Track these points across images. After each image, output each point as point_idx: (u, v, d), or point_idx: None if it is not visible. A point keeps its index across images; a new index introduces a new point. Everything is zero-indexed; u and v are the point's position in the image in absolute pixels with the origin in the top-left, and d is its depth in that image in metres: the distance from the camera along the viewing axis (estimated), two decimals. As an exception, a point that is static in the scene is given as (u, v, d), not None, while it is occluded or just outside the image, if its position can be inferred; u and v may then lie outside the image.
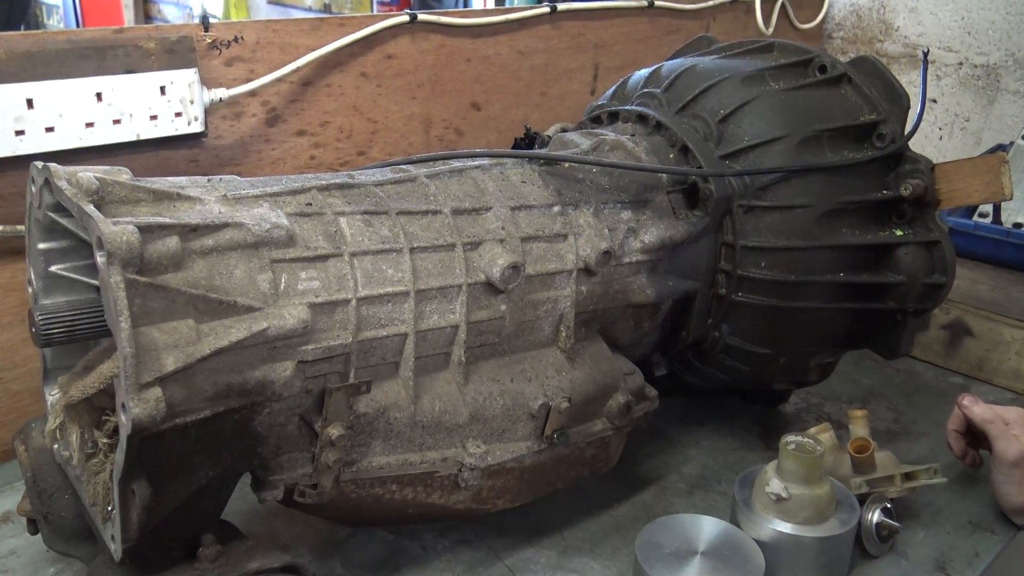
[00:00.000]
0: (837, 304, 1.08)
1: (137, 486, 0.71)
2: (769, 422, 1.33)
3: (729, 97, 1.10)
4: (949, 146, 2.06)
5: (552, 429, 0.95)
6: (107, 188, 0.73)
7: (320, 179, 0.88)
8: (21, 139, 1.05)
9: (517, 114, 1.62)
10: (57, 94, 1.06)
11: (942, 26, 2.03)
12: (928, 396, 1.43)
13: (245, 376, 0.75)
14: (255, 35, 1.25)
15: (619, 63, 1.75)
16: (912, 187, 1.06)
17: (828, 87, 1.11)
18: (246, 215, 0.77)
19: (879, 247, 1.08)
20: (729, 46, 1.24)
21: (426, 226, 0.88)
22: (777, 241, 1.05)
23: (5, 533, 1.04)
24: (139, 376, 0.66)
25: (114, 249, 0.66)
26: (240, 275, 0.75)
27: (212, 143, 1.26)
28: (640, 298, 1.03)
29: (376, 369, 0.85)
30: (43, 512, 0.88)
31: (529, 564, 1.01)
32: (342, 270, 0.81)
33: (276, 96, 1.30)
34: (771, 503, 0.95)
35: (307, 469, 0.83)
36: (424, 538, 1.04)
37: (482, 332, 0.91)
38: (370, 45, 1.38)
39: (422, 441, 0.88)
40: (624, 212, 1.02)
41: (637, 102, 1.17)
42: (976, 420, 1.09)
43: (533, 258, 0.94)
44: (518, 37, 1.58)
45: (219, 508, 0.82)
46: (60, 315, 0.78)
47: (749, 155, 1.06)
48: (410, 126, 1.48)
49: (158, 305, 0.69)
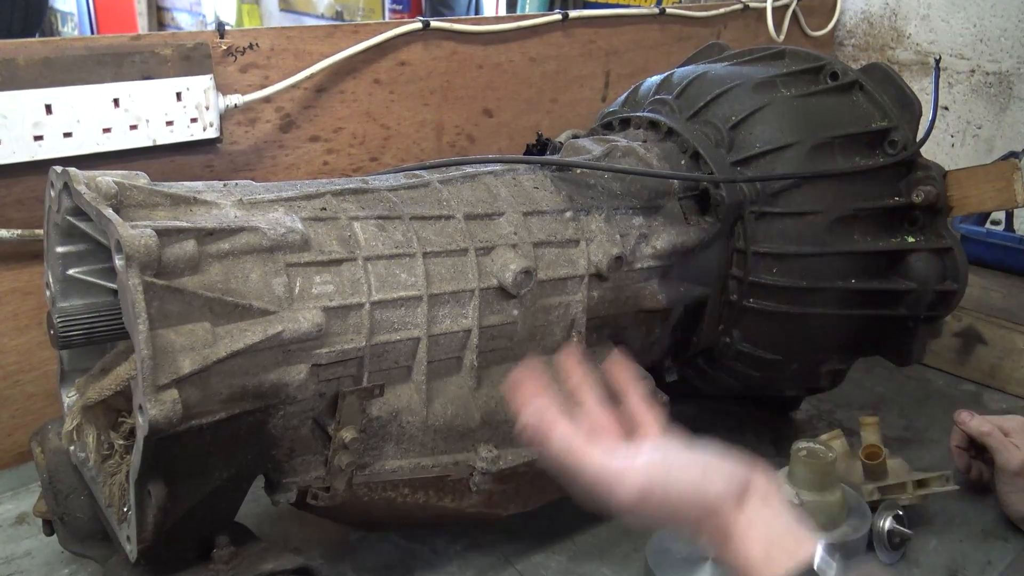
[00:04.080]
0: (848, 311, 1.08)
1: (153, 487, 0.72)
2: (780, 428, 1.33)
3: (740, 104, 1.10)
4: (961, 153, 2.05)
5: (563, 434, 0.95)
6: (125, 192, 0.74)
7: (334, 184, 0.89)
8: (40, 144, 1.06)
9: (529, 120, 1.63)
10: (75, 100, 1.08)
11: (954, 33, 2.03)
12: (940, 404, 1.42)
13: (260, 379, 0.75)
14: (270, 42, 1.27)
15: (630, 70, 1.76)
16: (924, 194, 1.06)
17: (840, 94, 1.11)
18: (262, 219, 0.78)
19: (891, 254, 1.08)
20: (740, 53, 1.24)
21: (439, 231, 0.89)
22: (788, 247, 1.05)
23: (21, 534, 1.05)
24: (156, 378, 0.67)
25: (132, 252, 0.67)
26: (256, 279, 0.76)
27: (227, 149, 1.27)
28: (651, 304, 1.03)
29: (389, 373, 0.86)
30: (59, 513, 0.88)
31: (540, 569, 1.02)
32: (356, 274, 0.82)
33: (290, 102, 1.32)
34: (782, 509, 0.95)
35: (320, 472, 0.83)
36: (435, 542, 1.05)
37: (494, 337, 0.92)
38: (383, 52, 1.39)
39: (434, 445, 0.89)
40: (636, 218, 1.03)
41: (649, 108, 1.18)
42: (974, 435, 1.09)
43: (545, 263, 0.94)
44: (530, 44, 1.59)
45: (233, 510, 0.83)
46: (78, 317, 0.79)
47: (760, 161, 1.07)
48: (422, 132, 1.49)
49: (175, 308, 0.70)
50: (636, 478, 0.65)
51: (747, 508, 0.65)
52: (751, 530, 0.64)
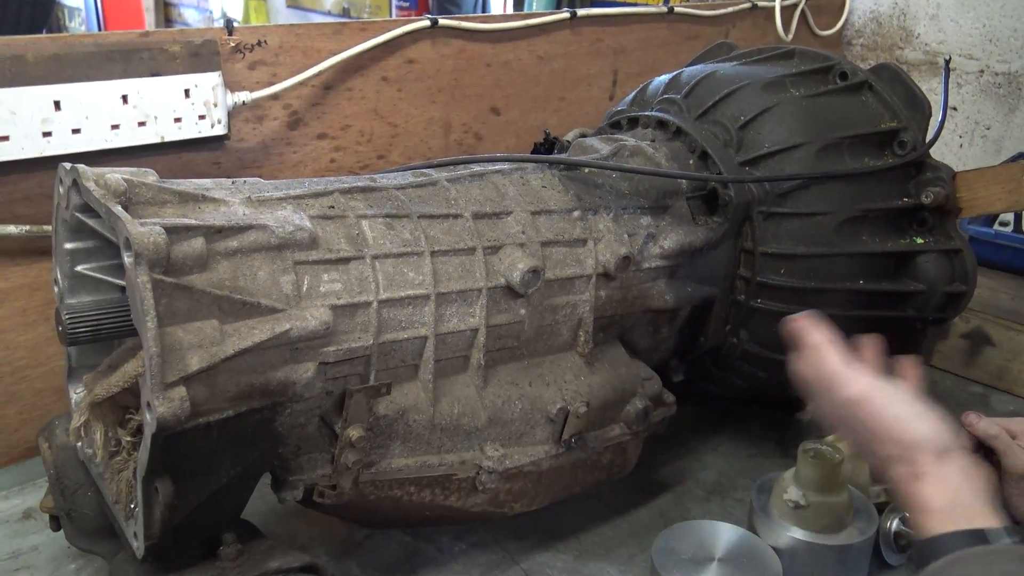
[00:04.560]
0: (856, 312, 1.07)
1: (160, 484, 0.72)
2: (786, 429, 1.33)
3: (749, 103, 1.10)
4: (969, 154, 2.05)
5: (570, 433, 0.95)
6: (134, 190, 0.74)
7: (342, 182, 0.89)
8: (48, 140, 1.07)
9: (536, 119, 1.63)
10: (84, 96, 1.08)
11: (963, 33, 2.02)
12: (947, 405, 1.39)
13: (267, 377, 0.75)
14: (278, 39, 1.26)
15: (638, 69, 1.75)
16: (933, 195, 1.05)
17: (849, 94, 1.11)
18: (270, 217, 0.78)
19: (899, 255, 1.08)
20: (749, 52, 1.24)
21: (447, 230, 0.89)
22: (796, 248, 1.04)
23: (28, 529, 1.06)
24: (164, 375, 0.67)
25: (141, 250, 0.67)
26: (264, 276, 0.76)
27: (235, 146, 1.27)
28: (659, 303, 1.03)
29: (396, 371, 0.86)
30: (66, 509, 0.89)
31: (545, 568, 1.01)
32: (364, 272, 0.82)
33: (298, 100, 1.32)
34: (789, 510, 0.95)
35: (327, 470, 0.83)
36: (441, 540, 1.05)
37: (501, 336, 0.92)
38: (391, 50, 1.39)
39: (440, 443, 0.89)
40: (644, 217, 1.03)
41: (657, 108, 1.17)
42: (982, 437, 1.09)
43: (553, 262, 0.94)
44: (538, 42, 1.59)
45: (240, 507, 0.83)
46: (86, 314, 0.79)
47: (769, 161, 1.06)
48: (430, 130, 1.49)
49: (183, 305, 0.70)
50: (861, 385, 0.80)
51: (945, 465, 0.73)
52: (942, 484, 0.72)
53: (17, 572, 0.99)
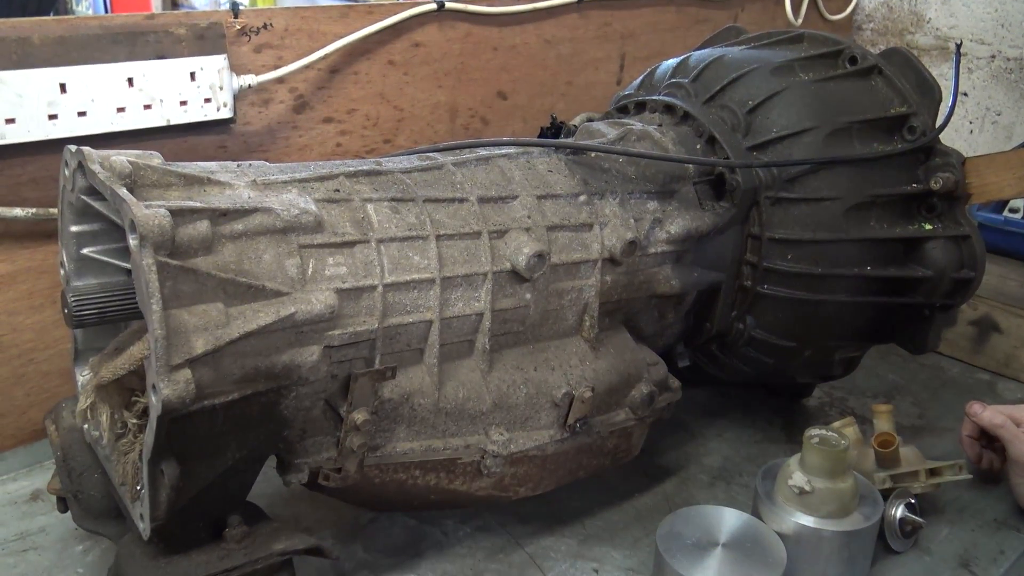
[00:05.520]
0: (863, 298, 1.07)
1: (166, 466, 0.72)
2: (792, 415, 1.33)
3: (758, 88, 1.09)
4: (980, 140, 2.03)
5: (575, 418, 0.95)
6: (139, 172, 0.74)
7: (348, 166, 0.88)
8: (54, 123, 1.07)
9: (543, 103, 1.62)
10: (89, 79, 1.07)
11: (975, 18, 2.00)
12: (954, 392, 1.41)
13: (272, 360, 0.75)
14: (284, 22, 1.26)
15: (646, 53, 1.74)
16: (942, 181, 1.05)
17: (858, 78, 1.10)
18: (275, 200, 0.78)
19: (908, 241, 1.07)
20: (758, 36, 1.23)
21: (452, 214, 0.89)
22: (804, 233, 1.04)
23: (35, 511, 1.06)
24: (169, 358, 0.67)
25: (146, 232, 0.67)
26: (269, 260, 0.76)
27: (240, 129, 1.26)
28: (665, 289, 1.03)
29: (401, 355, 0.86)
30: (73, 491, 0.89)
31: (549, 552, 1.02)
32: (369, 256, 0.82)
33: (304, 83, 1.31)
34: (794, 496, 0.95)
35: (332, 453, 0.84)
36: (446, 524, 1.05)
37: (507, 320, 0.92)
38: (397, 33, 1.39)
39: (445, 427, 0.89)
40: (650, 202, 1.02)
41: (664, 92, 1.17)
42: (986, 426, 1.08)
43: (559, 247, 0.94)
44: (545, 26, 1.58)
45: (245, 490, 0.83)
46: (92, 297, 0.79)
47: (777, 146, 1.06)
48: (436, 114, 1.49)
49: (188, 288, 0.70)
50: None
51: None
52: None
53: (25, 553, 0.99)
